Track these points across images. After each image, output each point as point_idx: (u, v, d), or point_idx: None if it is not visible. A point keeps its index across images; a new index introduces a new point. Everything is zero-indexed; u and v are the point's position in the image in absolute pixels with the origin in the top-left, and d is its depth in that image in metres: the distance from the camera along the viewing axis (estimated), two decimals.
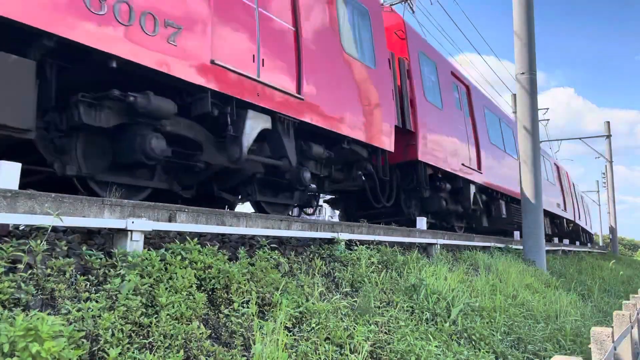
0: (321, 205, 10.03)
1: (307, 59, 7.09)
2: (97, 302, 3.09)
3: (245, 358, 3.50)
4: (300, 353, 3.76)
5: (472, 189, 12.95)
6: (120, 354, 2.89)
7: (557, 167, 25.35)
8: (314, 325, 4.21)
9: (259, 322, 3.81)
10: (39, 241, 3.17)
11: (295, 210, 9.38)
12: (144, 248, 3.96)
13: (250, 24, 6.21)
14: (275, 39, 6.61)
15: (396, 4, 16.17)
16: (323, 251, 6.07)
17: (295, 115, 6.85)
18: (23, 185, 4.74)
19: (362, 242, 6.91)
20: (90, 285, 3.29)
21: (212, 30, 5.64)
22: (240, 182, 7.11)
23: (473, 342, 5.57)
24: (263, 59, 6.34)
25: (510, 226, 16.38)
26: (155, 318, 3.27)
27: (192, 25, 5.40)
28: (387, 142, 9.03)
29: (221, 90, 5.69)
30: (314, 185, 8.70)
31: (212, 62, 5.58)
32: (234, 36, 5.97)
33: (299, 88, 6.89)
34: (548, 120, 35.92)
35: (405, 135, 10.05)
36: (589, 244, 30.91)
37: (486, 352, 5.39)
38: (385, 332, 4.88)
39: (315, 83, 7.24)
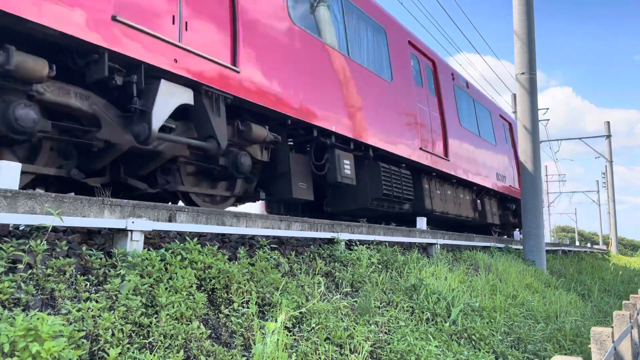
0: None
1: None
2: (97, 302, 3.09)
3: (245, 358, 3.50)
4: (300, 353, 3.76)
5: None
6: (120, 354, 2.89)
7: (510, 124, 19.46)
8: (314, 325, 4.21)
9: (259, 322, 3.81)
10: (39, 241, 3.17)
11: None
12: (144, 248, 3.96)
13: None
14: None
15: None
16: (323, 251, 6.07)
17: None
18: None
19: (362, 242, 6.91)
20: (90, 285, 3.29)
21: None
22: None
23: (473, 342, 5.58)
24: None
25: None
26: (155, 318, 3.27)
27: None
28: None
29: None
30: None
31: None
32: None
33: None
34: (548, 120, 35.91)
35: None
36: None
37: (486, 352, 5.39)
38: (385, 332, 4.88)
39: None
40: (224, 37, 6.06)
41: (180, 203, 6.76)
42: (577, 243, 45.13)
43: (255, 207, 9.55)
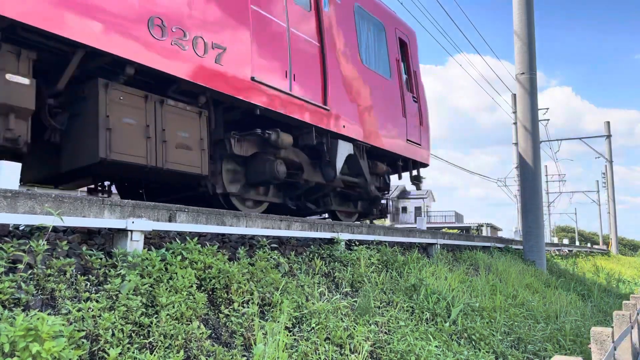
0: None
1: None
2: (97, 302, 3.09)
3: (245, 358, 3.50)
4: (301, 353, 3.76)
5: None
6: (120, 354, 2.89)
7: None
8: (314, 325, 4.21)
9: (260, 322, 3.81)
10: (39, 241, 3.17)
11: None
12: (144, 248, 3.96)
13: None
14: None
15: None
16: (323, 251, 6.06)
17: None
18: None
19: (361, 242, 6.91)
20: (90, 285, 3.29)
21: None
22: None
23: (473, 342, 5.58)
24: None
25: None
26: (156, 318, 3.27)
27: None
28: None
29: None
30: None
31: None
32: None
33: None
34: (548, 120, 35.86)
35: None
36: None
37: (486, 352, 5.40)
38: (385, 332, 4.88)
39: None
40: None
41: None
42: (577, 243, 45.14)
43: None
